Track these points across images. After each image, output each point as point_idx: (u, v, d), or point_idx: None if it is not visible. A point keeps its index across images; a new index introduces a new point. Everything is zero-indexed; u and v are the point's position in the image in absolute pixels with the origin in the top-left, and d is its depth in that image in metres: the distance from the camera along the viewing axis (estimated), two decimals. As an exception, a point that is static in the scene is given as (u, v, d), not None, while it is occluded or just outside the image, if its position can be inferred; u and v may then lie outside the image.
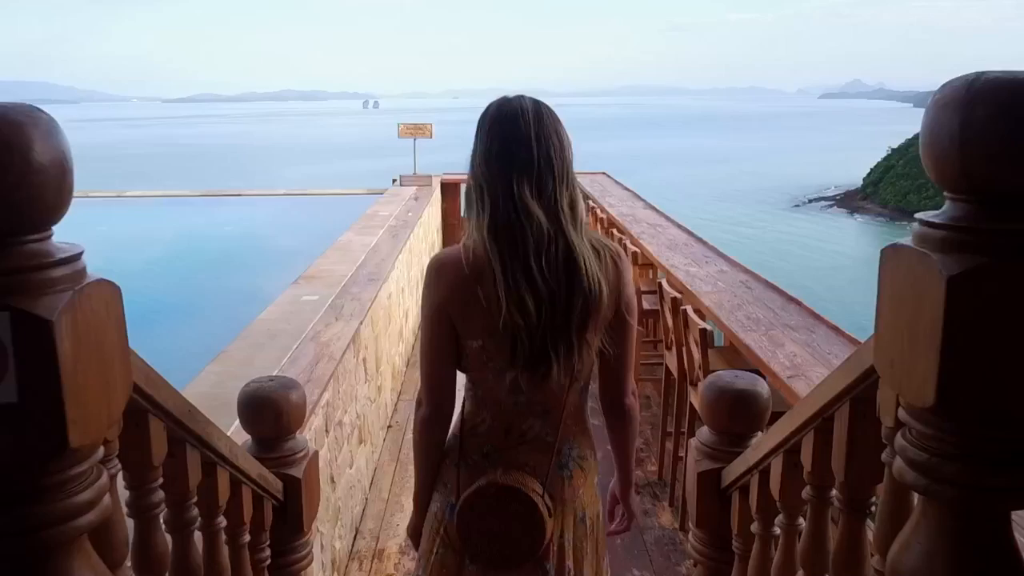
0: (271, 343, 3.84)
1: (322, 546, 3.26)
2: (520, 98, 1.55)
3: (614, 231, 6.23)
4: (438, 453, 1.71)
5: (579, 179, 1.62)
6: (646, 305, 5.32)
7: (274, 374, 2.15)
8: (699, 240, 6.25)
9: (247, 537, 1.84)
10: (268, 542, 1.97)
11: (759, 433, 2.06)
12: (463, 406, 1.69)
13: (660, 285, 4.36)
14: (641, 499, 4.37)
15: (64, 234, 0.73)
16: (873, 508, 1.34)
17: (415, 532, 1.85)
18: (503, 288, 1.47)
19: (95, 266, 0.72)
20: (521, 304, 1.47)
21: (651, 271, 6.33)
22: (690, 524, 2.17)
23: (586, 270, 1.49)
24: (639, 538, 3.97)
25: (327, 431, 3.41)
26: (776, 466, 1.64)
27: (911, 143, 72.59)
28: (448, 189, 11.53)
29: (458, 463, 1.67)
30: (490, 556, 1.60)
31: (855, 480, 1.31)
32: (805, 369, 3.30)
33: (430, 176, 10.78)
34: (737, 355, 4.19)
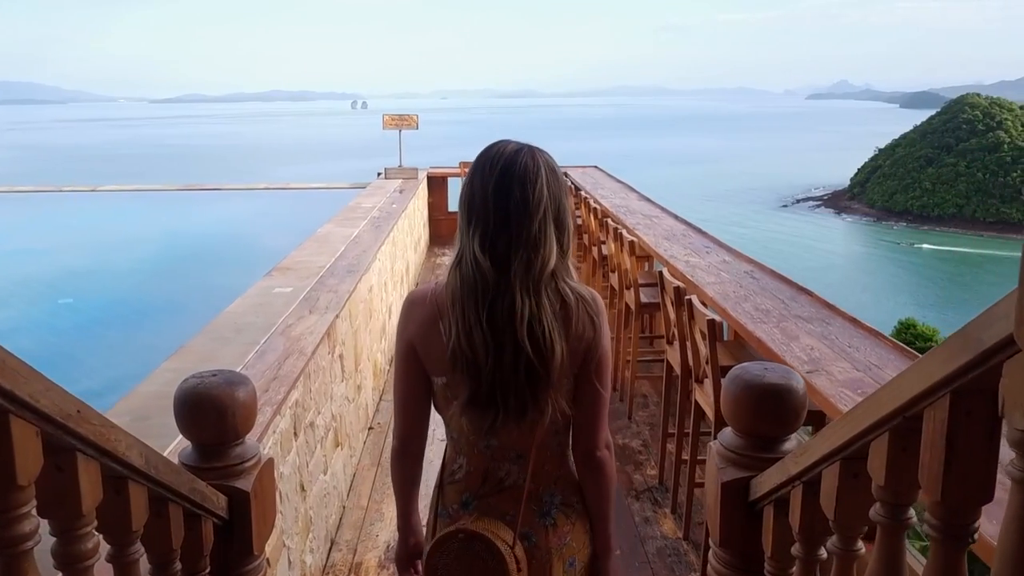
0: (236, 338, 3.50)
1: (289, 562, 2.93)
2: (508, 148, 1.52)
3: (608, 221, 5.90)
4: (411, 485, 1.75)
5: (571, 173, 1.50)
6: (643, 298, 5.00)
7: (220, 368, 1.82)
8: (698, 230, 5.95)
9: (178, 566, 1.50)
10: (208, 569, 1.64)
11: (792, 436, 1.75)
12: (444, 452, 1.68)
13: (661, 275, 4.04)
14: (641, 506, 4.05)
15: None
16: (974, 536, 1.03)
17: (399, 559, 1.83)
18: (455, 319, 1.49)
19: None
20: (469, 337, 1.47)
21: (647, 263, 6.02)
22: (711, 542, 1.85)
23: (529, 328, 1.47)
24: (639, 549, 3.65)
25: (296, 434, 3.07)
26: (830, 477, 1.32)
27: (898, 143, 72.89)
28: (435, 183, 11.20)
29: (436, 512, 1.67)
30: None
31: (955, 499, 0.99)
32: (825, 363, 2.99)
33: (416, 169, 10.43)
34: (743, 349, 3.88)
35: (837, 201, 75.58)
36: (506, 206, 1.47)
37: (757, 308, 3.77)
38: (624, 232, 5.19)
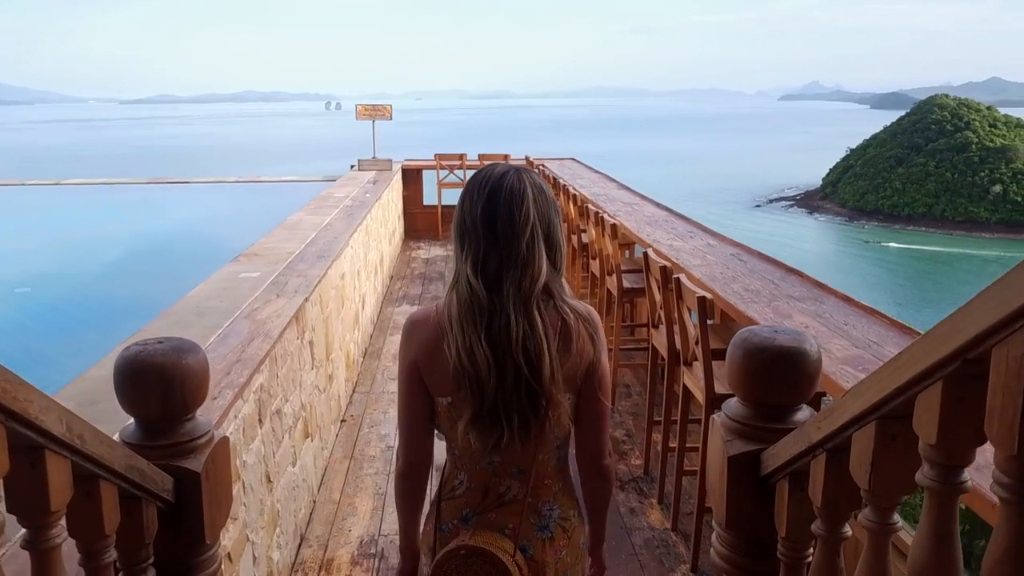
0: (197, 321, 3.29)
1: (254, 558, 2.72)
2: (495, 172, 1.56)
3: (589, 206, 5.74)
4: (415, 505, 1.74)
5: (548, 164, 1.53)
6: (626, 284, 4.84)
7: (168, 336, 1.62)
8: (680, 216, 5.80)
9: (113, 554, 1.30)
10: (151, 559, 1.44)
11: (805, 406, 1.59)
12: (444, 468, 1.68)
13: (646, 255, 3.88)
14: (627, 496, 3.88)
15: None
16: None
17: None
18: (458, 339, 1.50)
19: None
20: (471, 356, 1.49)
21: (628, 250, 5.87)
22: (714, 523, 1.69)
23: (523, 346, 1.50)
24: (626, 541, 3.49)
25: (261, 420, 2.87)
26: (863, 441, 1.15)
27: (868, 144, 73.69)
28: (410, 176, 10.98)
29: (436, 527, 1.66)
30: None
31: (1038, 453, 0.83)
32: (822, 341, 2.83)
33: (390, 161, 10.20)
34: (732, 332, 3.73)
35: (809, 201, 76.27)
36: (494, 227, 1.51)
37: (747, 289, 3.62)
38: (606, 216, 5.02)
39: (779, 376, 1.54)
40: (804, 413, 1.59)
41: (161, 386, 1.50)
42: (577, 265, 6.44)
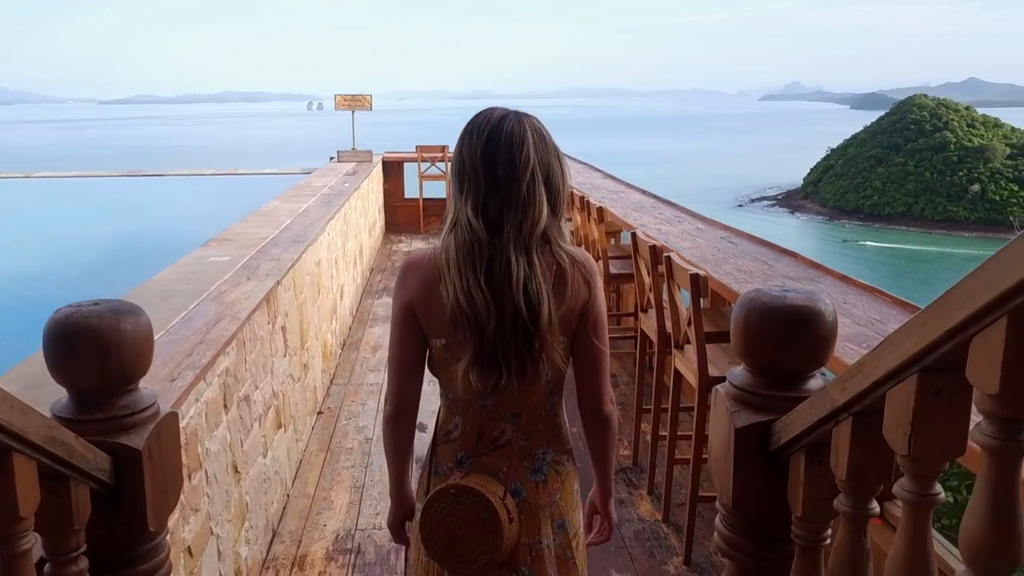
0: (161, 304, 3.09)
1: (219, 553, 2.54)
2: (495, 115, 1.56)
3: (573, 191, 5.58)
4: (405, 449, 1.72)
5: None
6: (612, 270, 4.69)
7: (106, 297, 1.44)
8: (667, 202, 5.66)
9: (30, 540, 1.13)
10: (83, 548, 1.26)
11: (817, 374, 1.44)
12: (438, 413, 1.69)
13: (634, 236, 3.72)
14: (615, 487, 3.72)
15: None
16: None
17: (392, 525, 1.81)
18: (455, 281, 1.50)
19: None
20: (469, 298, 1.49)
21: (614, 238, 5.71)
22: (718, 505, 1.53)
23: (524, 288, 1.49)
24: (616, 533, 3.31)
25: (226, 406, 2.68)
26: (899, 399, 1.00)
27: (849, 144, 74.16)
28: (391, 168, 10.78)
29: (431, 471, 1.67)
30: (450, 557, 1.57)
31: None
32: (821, 319, 2.69)
33: (370, 152, 10.00)
34: (724, 316, 3.58)
35: (791, 200, 76.62)
36: (494, 170, 1.50)
37: (739, 270, 3.47)
38: (591, 200, 4.87)
39: (791, 339, 1.39)
40: (818, 381, 1.44)
41: (96, 352, 1.32)
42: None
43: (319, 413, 4.60)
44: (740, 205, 74.38)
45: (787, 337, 1.38)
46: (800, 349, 1.39)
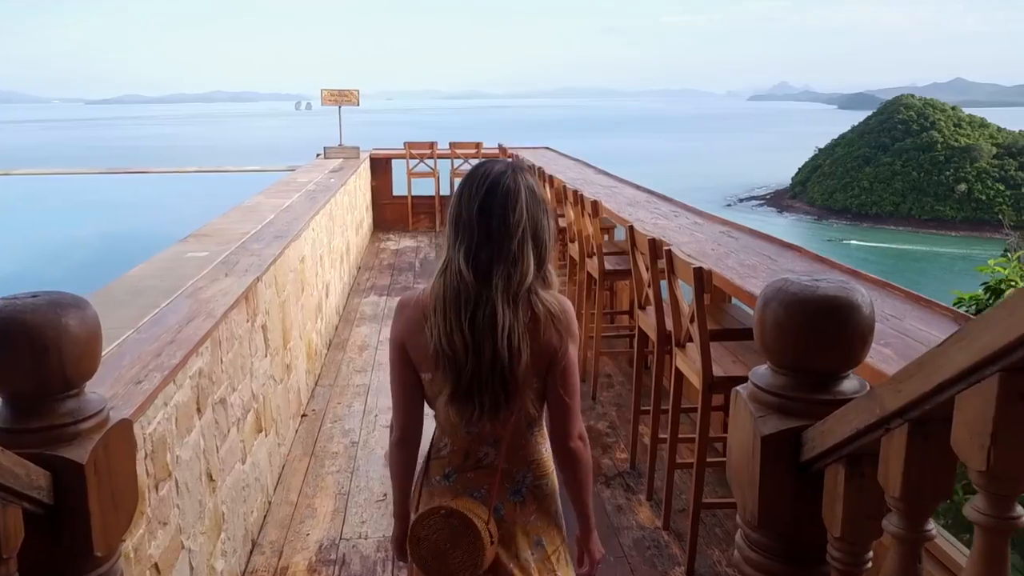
0: (132, 301, 2.91)
1: (191, 568, 2.36)
2: (494, 170, 1.63)
3: (566, 186, 5.41)
4: (409, 472, 1.81)
5: (522, 154, 1.81)
6: (607, 266, 4.53)
7: (48, 290, 1.27)
8: (662, 197, 5.51)
9: (-58, 575, 0.95)
10: (15, 579, 1.09)
11: (851, 375, 1.29)
12: (434, 432, 1.78)
13: (632, 229, 3.56)
14: (612, 493, 3.57)
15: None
16: None
17: (395, 541, 1.89)
18: (440, 323, 1.60)
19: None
20: (450, 339, 1.59)
21: (608, 234, 5.55)
22: (739, 520, 1.37)
23: (507, 338, 1.58)
24: (613, 540, 3.17)
25: (200, 409, 2.50)
26: (975, 404, 0.84)
27: (836, 143, 74.33)
28: (379, 166, 10.59)
29: (422, 484, 1.78)
30: (435, 568, 1.65)
31: None
32: (833, 315, 2.54)
33: (357, 148, 9.79)
34: (725, 313, 3.44)
35: (779, 200, 76.79)
36: (488, 225, 1.59)
37: (742, 264, 3.32)
38: (585, 194, 4.71)
39: (825, 334, 1.24)
40: (853, 382, 1.28)
41: (31, 351, 1.15)
42: (555, 250, 6.12)
43: (303, 416, 4.42)
44: (728, 205, 74.44)
45: (820, 332, 1.24)
46: (835, 346, 1.24)
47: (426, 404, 1.74)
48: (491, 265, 1.59)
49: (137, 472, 1.91)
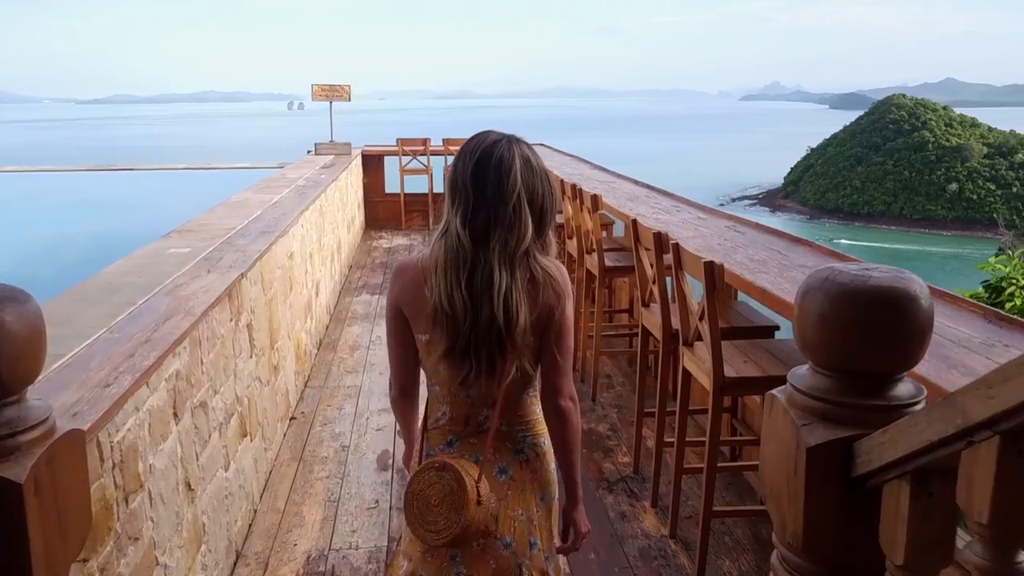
0: (107, 299, 2.74)
1: (168, 586, 2.19)
2: (488, 139, 1.69)
3: (563, 181, 5.26)
4: (413, 419, 1.88)
5: None
6: (607, 262, 4.37)
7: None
8: (662, 192, 5.36)
9: None
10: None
11: (906, 378, 1.13)
12: (426, 405, 1.84)
13: (635, 223, 3.41)
14: (616, 499, 3.41)
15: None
16: None
17: (408, 462, 1.92)
18: (440, 282, 1.65)
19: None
20: (450, 298, 1.64)
21: (607, 230, 5.40)
22: (775, 540, 1.21)
23: (505, 298, 1.63)
24: (618, 550, 3.01)
25: (176, 414, 2.33)
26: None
27: (828, 143, 74.42)
28: (371, 162, 10.41)
29: (423, 454, 1.81)
30: (420, 523, 1.68)
31: None
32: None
33: (348, 144, 9.60)
34: (734, 310, 3.28)
35: (772, 199, 76.86)
36: (483, 190, 1.63)
37: (751, 259, 3.17)
38: (584, 188, 4.55)
39: (880, 330, 1.08)
40: (908, 386, 1.13)
41: (-41, 351, 0.98)
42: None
43: (291, 419, 4.25)
44: (721, 204, 74.38)
45: (874, 328, 1.08)
46: (890, 344, 1.08)
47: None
48: (488, 229, 1.63)
49: (101, 485, 1.74)
